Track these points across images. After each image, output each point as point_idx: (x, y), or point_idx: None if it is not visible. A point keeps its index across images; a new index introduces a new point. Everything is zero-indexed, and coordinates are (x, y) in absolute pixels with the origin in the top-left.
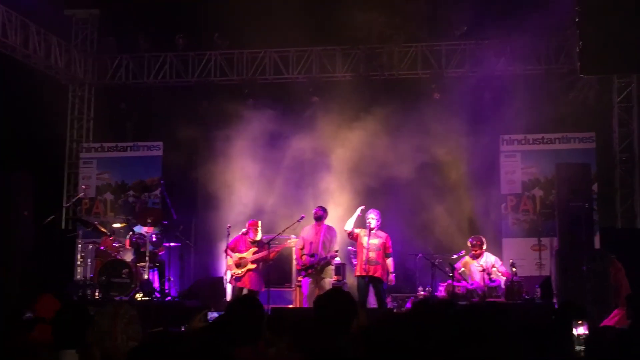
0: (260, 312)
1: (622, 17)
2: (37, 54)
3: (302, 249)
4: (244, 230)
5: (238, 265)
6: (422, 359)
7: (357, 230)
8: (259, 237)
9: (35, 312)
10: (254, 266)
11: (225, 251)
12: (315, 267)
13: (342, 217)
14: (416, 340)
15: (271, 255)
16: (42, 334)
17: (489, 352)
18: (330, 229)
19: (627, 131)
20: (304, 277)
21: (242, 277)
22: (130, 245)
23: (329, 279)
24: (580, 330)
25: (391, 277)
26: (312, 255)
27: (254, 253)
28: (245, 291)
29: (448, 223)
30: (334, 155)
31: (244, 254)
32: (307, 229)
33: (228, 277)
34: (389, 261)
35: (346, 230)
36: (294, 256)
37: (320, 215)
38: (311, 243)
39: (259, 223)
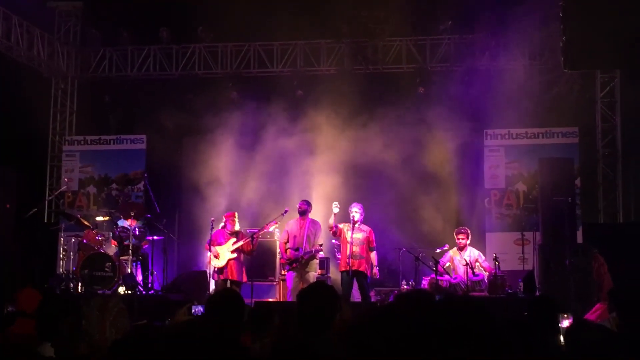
0: (240, 305)
1: (606, 13)
2: (20, 46)
3: (286, 242)
4: (222, 224)
5: (217, 256)
6: (405, 352)
7: (340, 225)
8: (237, 227)
9: (17, 306)
10: (234, 255)
11: (206, 246)
12: (299, 261)
13: (326, 211)
14: (398, 334)
15: (250, 246)
16: (23, 327)
17: (471, 347)
18: (314, 222)
19: (610, 126)
20: (288, 271)
21: (224, 268)
22: (113, 239)
23: (314, 273)
24: (566, 324)
25: (375, 270)
26: (296, 249)
27: (234, 243)
28: (228, 283)
29: (432, 217)
30: (318, 149)
31: (224, 246)
32: (292, 223)
33: (211, 271)
34: (373, 255)
35: (330, 228)
36: (278, 250)
37: (305, 210)
38: (295, 237)
39: (236, 214)
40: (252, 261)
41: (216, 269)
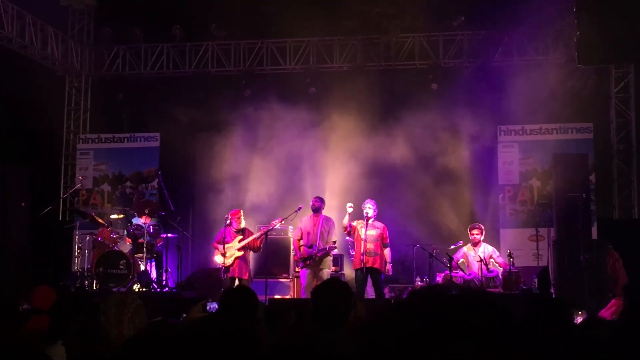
0: (253, 302)
1: (620, 7)
2: (34, 44)
3: (299, 239)
4: (227, 222)
5: (224, 255)
6: (418, 349)
7: (354, 223)
8: (242, 225)
9: (32, 303)
10: (241, 253)
11: (214, 245)
12: (313, 258)
13: (340, 207)
14: (410, 331)
15: (258, 242)
16: (38, 325)
17: (484, 344)
18: (328, 219)
19: (624, 121)
20: (302, 268)
21: (231, 266)
22: (127, 237)
23: (328, 270)
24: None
25: (388, 267)
26: (310, 247)
27: (240, 241)
28: (236, 281)
29: (446, 213)
30: (331, 146)
31: (231, 244)
32: (305, 220)
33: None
34: (387, 251)
35: (344, 228)
36: (292, 247)
37: (319, 207)
38: (309, 233)
39: (241, 212)
40: (266, 258)
41: (223, 268)
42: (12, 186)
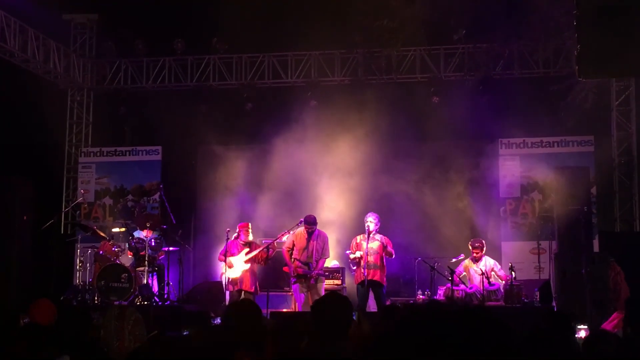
0: (258, 316)
1: (621, 21)
2: (36, 58)
3: (290, 249)
4: (235, 234)
5: (231, 267)
6: None
7: (357, 239)
8: (250, 238)
9: (31, 317)
10: (248, 266)
11: (220, 258)
12: (309, 277)
13: (340, 220)
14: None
15: (264, 255)
16: (38, 339)
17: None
18: (320, 234)
19: (625, 135)
20: (294, 283)
21: (237, 279)
22: (129, 250)
23: (321, 284)
24: (582, 334)
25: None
26: (306, 264)
27: (247, 254)
28: (243, 294)
29: (447, 226)
30: (332, 159)
31: (238, 257)
32: (299, 233)
33: (225, 282)
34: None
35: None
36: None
37: (315, 229)
38: (303, 249)
39: (249, 225)
40: (268, 271)
41: (230, 280)
42: (15, 199)
